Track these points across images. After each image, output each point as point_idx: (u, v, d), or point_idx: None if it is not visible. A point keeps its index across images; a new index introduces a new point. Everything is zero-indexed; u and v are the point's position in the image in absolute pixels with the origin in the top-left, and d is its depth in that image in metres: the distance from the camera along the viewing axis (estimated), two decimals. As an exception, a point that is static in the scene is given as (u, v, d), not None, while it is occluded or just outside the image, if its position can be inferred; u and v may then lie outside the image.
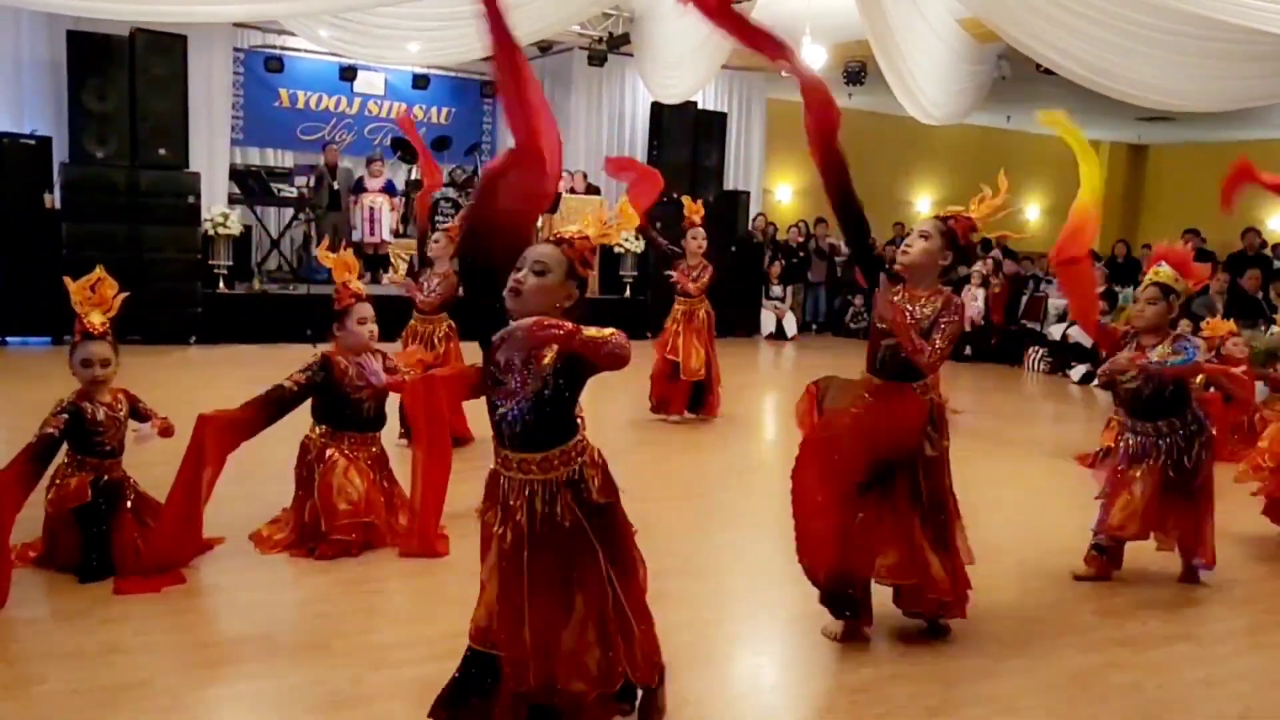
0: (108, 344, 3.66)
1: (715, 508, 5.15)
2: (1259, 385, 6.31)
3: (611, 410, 6.95)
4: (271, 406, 3.87)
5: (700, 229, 6.80)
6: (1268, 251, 11.72)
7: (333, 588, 3.66)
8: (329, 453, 4.04)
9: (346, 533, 3.92)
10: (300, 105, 12.68)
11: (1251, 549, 4.62)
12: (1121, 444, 4.05)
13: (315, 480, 4.00)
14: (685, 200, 7.00)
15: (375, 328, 4.14)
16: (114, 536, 3.62)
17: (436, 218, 12.44)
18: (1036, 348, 11.16)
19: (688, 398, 6.92)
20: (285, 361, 4.14)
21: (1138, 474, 3.92)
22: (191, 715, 2.78)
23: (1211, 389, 6.52)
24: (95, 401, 3.66)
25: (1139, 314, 3.89)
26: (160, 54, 9.35)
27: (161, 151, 9.40)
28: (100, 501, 3.62)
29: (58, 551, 3.66)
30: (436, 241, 5.79)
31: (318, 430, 4.13)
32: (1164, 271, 3.84)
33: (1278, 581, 4.36)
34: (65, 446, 3.64)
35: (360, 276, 4.39)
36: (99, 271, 3.70)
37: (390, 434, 4.25)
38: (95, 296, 3.66)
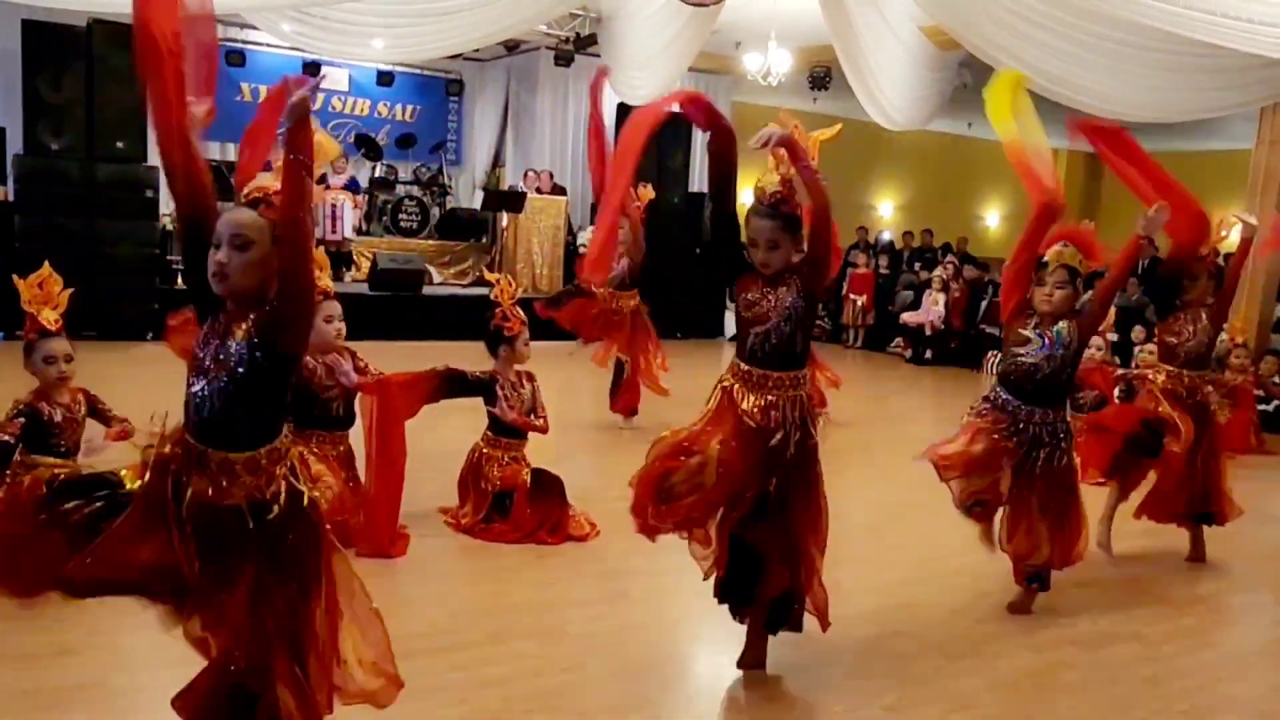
0: (66, 339, 3.61)
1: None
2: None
3: (572, 411, 6.94)
4: None
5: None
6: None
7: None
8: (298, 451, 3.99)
9: None
10: (262, 100, 12.53)
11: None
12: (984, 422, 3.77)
13: None
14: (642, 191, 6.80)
15: (342, 325, 4.09)
16: (67, 536, 3.56)
17: (400, 216, 12.37)
18: (995, 352, 11.31)
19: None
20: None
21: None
22: (145, 716, 2.75)
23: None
24: (53, 402, 3.59)
25: (1047, 298, 3.58)
26: (118, 45, 9.13)
27: (119, 144, 9.24)
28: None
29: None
30: (621, 228, 6.38)
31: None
32: (1069, 253, 3.57)
33: (1220, 583, 4.49)
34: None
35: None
36: (46, 269, 3.64)
37: (357, 432, 4.23)
38: (43, 294, 3.60)
